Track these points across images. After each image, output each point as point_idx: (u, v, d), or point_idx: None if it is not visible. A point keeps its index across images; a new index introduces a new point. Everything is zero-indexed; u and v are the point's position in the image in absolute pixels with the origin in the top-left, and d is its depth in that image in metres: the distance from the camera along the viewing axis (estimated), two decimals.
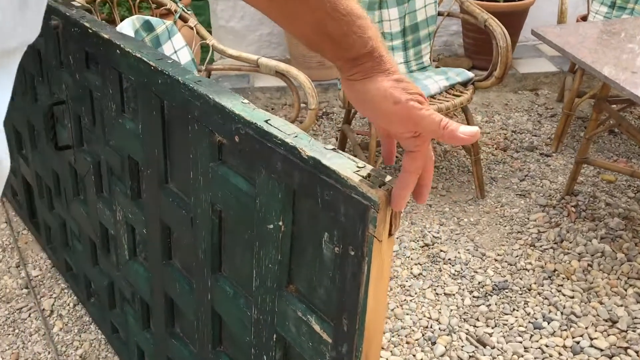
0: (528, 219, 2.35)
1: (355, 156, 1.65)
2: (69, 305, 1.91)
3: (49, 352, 1.74)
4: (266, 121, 0.88)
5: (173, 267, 1.26)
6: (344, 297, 0.80)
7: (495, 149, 2.86)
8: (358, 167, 0.76)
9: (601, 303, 1.91)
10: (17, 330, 1.82)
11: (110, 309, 1.65)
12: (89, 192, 1.54)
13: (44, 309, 1.89)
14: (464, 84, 2.42)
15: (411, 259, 2.14)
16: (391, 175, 0.74)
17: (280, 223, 0.89)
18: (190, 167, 1.08)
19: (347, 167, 0.76)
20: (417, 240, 2.23)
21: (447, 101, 2.29)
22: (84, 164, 1.51)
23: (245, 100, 0.94)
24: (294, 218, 0.89)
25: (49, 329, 1.82)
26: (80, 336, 1.80)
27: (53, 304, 1.91)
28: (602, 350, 1.73)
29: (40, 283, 2.00)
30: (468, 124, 2.40)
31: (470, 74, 2.42)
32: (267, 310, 0.97)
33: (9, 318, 1.86)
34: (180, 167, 1.15)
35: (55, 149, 1.53)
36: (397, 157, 0.82)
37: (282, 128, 0.86)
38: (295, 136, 0.84)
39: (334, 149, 0.80)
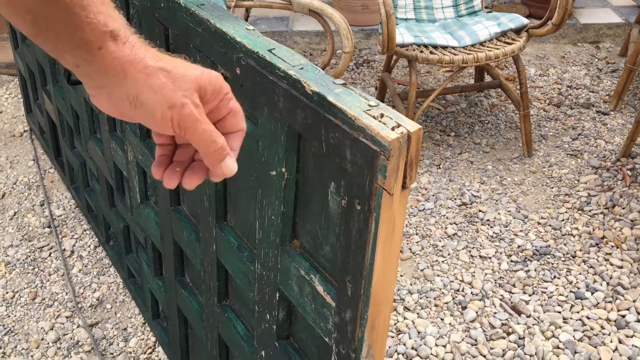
0: (578, 181, 2.17)
1: (393, 107, 1.51)
2: (89, 246, 1.87)
3: (66, 293, 1.71)
4: (270, 50, 0.75)
5: (181, 214, 1.17)
6: (349, 257, 0.69)
7: (548, 104, 2.65)
8: (370, 105, 0.64)
9: None
10: (36, 269, 1.79)
11: (127, 253, 1.60)
12: (102, 131, 1.46)
13: (64, 249, 1.86)
14: (517, 31, 2.21)
15: (446, 218, 2.01)
16: None
17: (284, 170, 0.77)
18: None
19: (357, 105, 0.64)
20: (455, 199, 2.09)
21: (497, 49, 2.10)
22: None
23: (251, 27, 0.81)
24: (299, 165, 0.77)
25: (68, 270, 1.79)
26: (98, 279, 1.76)
27: (74, 245, 1.88)
28: None
29: (63, 223, 1.97)
30: (519, 76, 2.21)
31: (525, 20, 2.21)
32: (270, 266, 0.88)
33: (29, 256, 1.84)
34: None
35: (68, 83, 1.44)
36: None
37: (286, 59, 0.73)
38: (301, 68, 0.71)
39: (344, 84, 0.67)
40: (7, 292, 1.71)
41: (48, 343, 1.57)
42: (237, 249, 0.97)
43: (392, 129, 0.60)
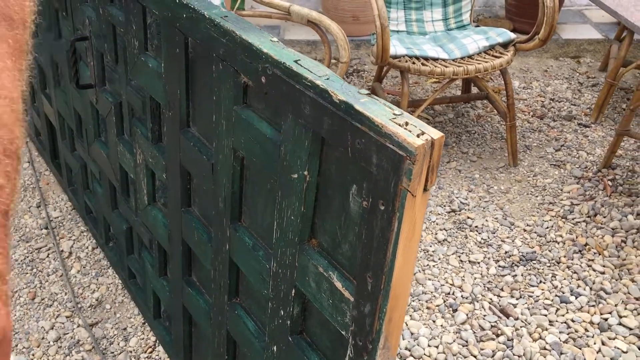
0: (561, 190, 2.26)
1: None
2: (87, 248, 1.89)
3: (65, 293, 1.73)
4: (296, 61, 0.81)
5: (192, 215, 1.21)
6: (370, 254, 0.74)
7: (532, 116, 2.74)
8: (394, 114, 0.69)
9: (633, 281, 1.83)
10: (35, 270, 1.81)
11: (128, 254, 1.63)
12: (109, 134, 1.50)
13: (62, 250, 1.88)
14: (505, 45, 2.30)
15: (436, 224, 2.07)
16: None
17: (306, 173, 0.83)
18: (213, 110, 1.02)
19: (383, 113, 0.69)
20: (444, 206, 2.16)
21: (486, 62, 2.18)
22: (106, 104, 1.46)
23: (275, 39, 0.87)
24: (321, 168, 0.82)
25: (67, 271, 1.81)
26: (97, 279, 1.78)
27: (72, 246, 1.90)
28: (631, 329, 1.66)
29: (60, 224, 1.99)
30: (506, 88, 2.29)
31: (512, 35, 2.30)
32: (286, 264, 0.92)
33: (27, 257, 1.85)
34: (202, 110, 1.10)
35: (77, 88, 1.48)
36: None
37: (313, 69, 0.79)
38: (327, 79, 0.77)
39: (368, 94, 0.73)
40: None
41: (49, 342, 1.59)
42: (251, 249, 1.02)
43: (418, 135, 0.65)
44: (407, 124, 0.67)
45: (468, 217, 2.11)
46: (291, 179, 0.86)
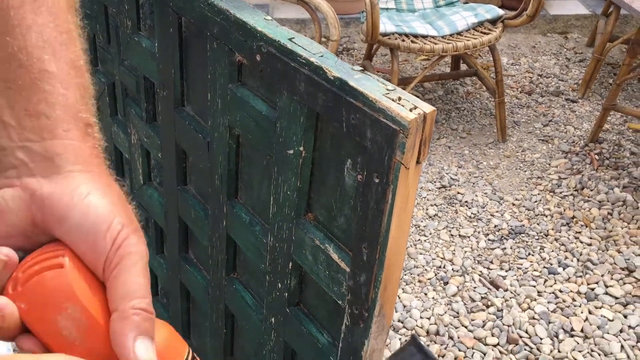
0: (549, 164, 2.30)
1: None
2: None
3: None
4: (290, 39, 0.82)
5: (188, 193, 1.24)
6: (365, 225, 0.77)
7: (520, 92, 2.77)
8: (387, 89, 0.71)
9: (619, 252, 1.88)
10: None
11: None
12: (103, 115, 1.50)
13: None
14: (493, 22, 2.32)
15: (427, 200, 2.11)
16: None
17: (302, 148, 0.85)
18: (207, 88, 1.04)
19: (376, 89, 0.71)
20: (434, 182, 2.20)
21: (475, 38, 2.20)
22: (99, 84, 1.46)
23: (268, 17, 0.88)
24: (316, 144, 0.85)
25: None
26: None
27: None
28: (617, 298, 1.72)
29: None
30: (495, 64, 2.32)
31: (500, 11, 2.31)
32: (283, 238, 0.95)
33: None
34: (197, 89, 1.11)
35: None
36: None
37: (307, 47, 0.81)
38: (321, 56, 0.79)
39: (362, 70, 0.75)
40: None
41: None
42: (248, 224, 1.04)
43: (410, 110, 0.68)
44: (400, 98, 0.70)
45: (458, 193, 2.14)
46: (287, 154, 0.88)
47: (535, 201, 2.11)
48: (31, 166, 0.40)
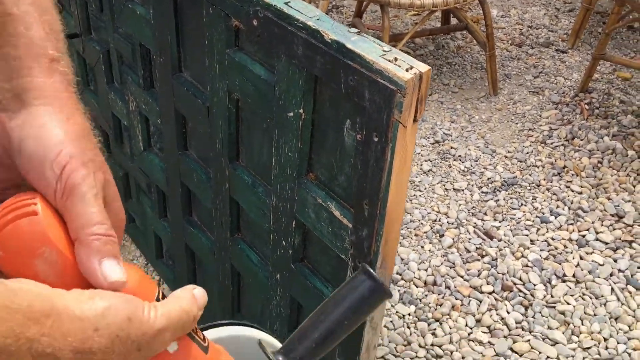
0: (540, 116, 2.33)
1: None
2: None
3: None
4: (286, 3, 0.84)
5: (189, 157, 1.26)
6: (366, 183, 0.81)
7: (510, 44, 2.78)
8: (384, 50, 0.74)
9: (609, 199, 1.93)
10: None
11: (126, 199, 1.68)
12: (99, 83, 1.52)
13: None
14: None
15: (421, 156, 2.14)
16: None
17: (301, 111, 0.87)
18: (205, 54, 1.05)
19: (373, 50, 0.74)
20: (428, 137, 2.23)
21: None
22: (93, 52, 1.47)
23: None
24: (315, 106, 0.87)
25: None
26: None
27: None
28: (607, 243, 1.78)
29: None
30: (485, 18, 2.32)
31: None
32: (286, 198, 0.99)
33: None
34: (194, 55, 1.13)
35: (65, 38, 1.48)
36: None
37: (303, 11, 0.82)
38: (318, 19, 0.80)
39: (358, 32, 0.77)
40: None
41: None
42: (251, 186, 1.08)
43: (407, 70, 0.70)
44: (396, 59, 0.72)
45: (451, 147, 2.18)
46: (287, 117, 0.91)
47: (527, 152, 2.15)
48: (4, 103, 0.43)
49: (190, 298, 0.45)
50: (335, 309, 0.54)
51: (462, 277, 1.70)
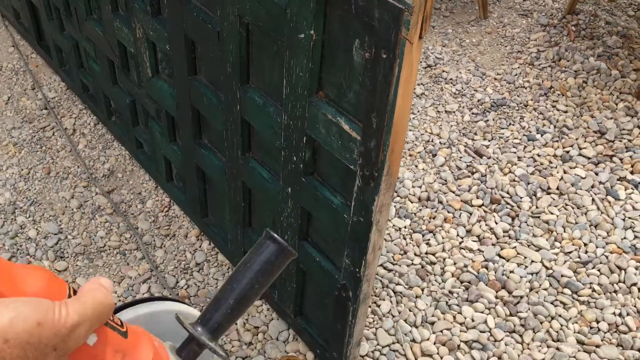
0: (529, 38, 2.39)
1: None
2: (89, 124, 2.00)
3: (78, 167, 1.87)
4: None
5: (199, 82, 1.33)
6: (374, 98, 0.89)
7: None
8: None
9: (592, 116, 2.03)
10: (44, 147, 1.93)
11: (134, 126, 1.75)
12: (103, 11, 1.55)
13: (66, 128, 1.99)
14: None
15: None
16: None
17: (312, 32, 0.94)
18: None
19: None
20: (420, 62, 2.29)
21: None
22: None
23: None
24: (325, 27, 0.94)
25: (75, 146, 1.93)
26: (105, 152, 1.92)
27: (74, 124, 2.01)
28: (589, 158, 1.89)
29: (58, 104, 2.08)
30: None
31: None
32: (297, 116, 1.07)
33: (34, 136, 1.96)
34: None
35: None
36: None
37: None
38: None
39: None
40: (22, 169, 1.86)
41: (72, 209, 1.75)
42: (262, 106, 1.15)
43: None
44: None
45: (443, 71, 2.25)
46: (298, 38, 0.97)
47: (516, 74, 2.22)
48: None
49: (101, 289, 0.45)
50: (245, 275, 0.56)
51: (453, 192, 1.81)
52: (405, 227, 1.72)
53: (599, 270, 1.60)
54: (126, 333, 0.49)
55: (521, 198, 1.78)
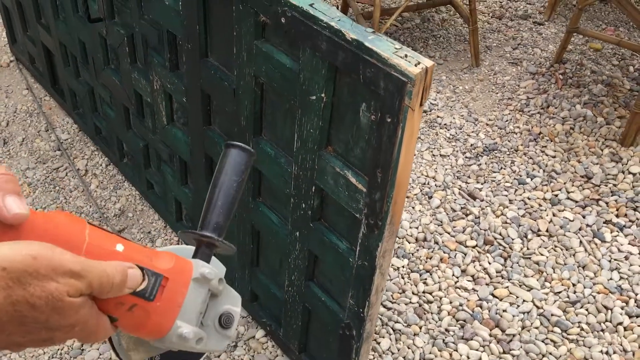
0: (518, 86, 2.52)
1: None
2: (101, 165, 2.10)
3: (90, 206, 1.96)
4: (311, 5, 1.00)
5: (213, 132, 1.43)
6: (379, 155, 0.99)
7: (491, 17, 2.95)
8: (396, 48, 0.91)
9: (579, 162, 2.14)
10: (57, 188, 2.02)
11: (146, 168, 1.84)
12: (122, 62, 1.66)
13: (79, 169, 2.08)
14: None
15: None
16: None
17: (323, 95, 1.05)
18: (232, 43, 1.21)
19: (387, 48, 0.91)
20: None
21: None
22: (117, 35, 1.61)
23: None
24: (335, 91, 1.05)
25: (87, 186, 2.02)
26: (116, 192, 2.01)
27: (86, 164, 2.10)
28: (576, 201, 1.99)
29: (71, 145, 2.17)
30: None
31: None
32: (307, 167, 1.17)
33: (48, 177, 2.05)
34: (220, 43, 1.28)
35: (89, 22, 1.62)
36: None
37: (326, 12, 0.99)
38: (339, 20, 0.97)
39: (373, 32, 0.94)
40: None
41: None
42: (274, 157, 1.25)
43: (415, 65, 0.88)
44: (406, 55, 0.90)
45: (438, 116, 2.36)
46: (310, 99, 1.08)
47: (506, 120, 2.34)
48: None
49: (119, 267, 0.47)
50: (223, 179, 0.63)
51: (449, 233, 1.91)
52: (403, 267, 1.80)
53: (587, 310, 1.69)
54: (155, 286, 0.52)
55: (513, 240, 1.88)
